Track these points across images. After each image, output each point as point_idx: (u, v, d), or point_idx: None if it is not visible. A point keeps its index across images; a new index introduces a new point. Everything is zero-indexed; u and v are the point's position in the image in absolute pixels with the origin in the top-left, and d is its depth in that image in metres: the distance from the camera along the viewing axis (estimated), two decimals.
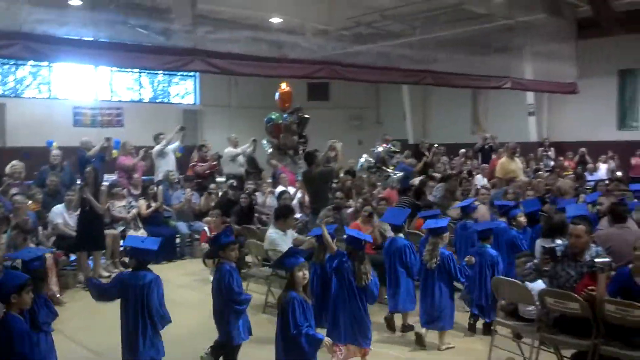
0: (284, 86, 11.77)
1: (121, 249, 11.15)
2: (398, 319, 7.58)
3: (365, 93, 25.26)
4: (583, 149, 17.19)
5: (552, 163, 16.87)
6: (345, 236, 6.27)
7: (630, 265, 5.63)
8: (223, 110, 23.60)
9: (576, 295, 5.64)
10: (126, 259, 10.80)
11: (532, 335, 6.15)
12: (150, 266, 5.69)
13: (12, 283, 4.63)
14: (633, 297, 5.42)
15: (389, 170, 12.87)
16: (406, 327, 7.46)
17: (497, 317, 6.57)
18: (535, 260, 6.61)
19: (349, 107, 25.06)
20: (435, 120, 23.56)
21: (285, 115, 11.54)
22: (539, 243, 7.29)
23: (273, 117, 11.57)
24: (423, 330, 7.02)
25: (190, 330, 7.46)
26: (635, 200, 9.33)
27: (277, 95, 11.82)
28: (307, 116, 11.65)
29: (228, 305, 5.96)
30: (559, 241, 6.81)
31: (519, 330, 6.42)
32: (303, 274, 5.09)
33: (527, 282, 6.35)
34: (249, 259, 10.05)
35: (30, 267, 5.16)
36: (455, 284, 7.17)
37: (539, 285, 6.26)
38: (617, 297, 5.56)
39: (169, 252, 11.46)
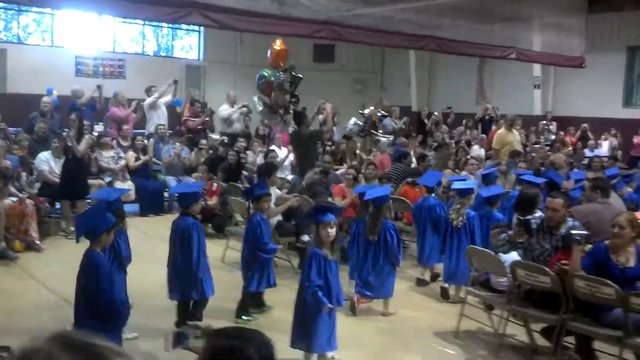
0: (278, 44, 11.51)
1: None
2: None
3: (371, 58, 24.92)
4: (585, 125, 16.96)
5: (552, 137, 16.65)
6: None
7: (607, 242, 5.52)
8: (228, 67, 23.31)
9: (547, 269, 5.55)
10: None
11: (502, 307, 6.08)
12: (136, 219, 5.82)
13: (105, 224, 4.77)
14: (607, 273, 5.32)
15: (378, 133, 12.64)
16: (433, 277, 8.02)
17: (469, 286, 6.48)
18: (509, 232, 6.50)
19: (354, 70, 24.76)
20: (440, 89, 23.26)
21: (277, 74, 11.32)
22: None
23: (265, 74, 11.32)
24: (446, 285, 7.45)
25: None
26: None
27: (269, 52, 11.56)
28: (300, 75, 11.43)
29: (255, 254, 6.30)
30: (537, 214, 6.69)
31: (489, 301, 6.33)
32: (327, 232, 5.12)
33: (500, 254, 6.25)
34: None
35: (113, 207, 5.41)
36: None
37: (513, 257, 6.15)
38: (591, 272, 5.46)
39: (157, 206, 11.39)
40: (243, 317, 6.44)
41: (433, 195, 8.10)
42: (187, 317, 5.51)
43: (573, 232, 5.55)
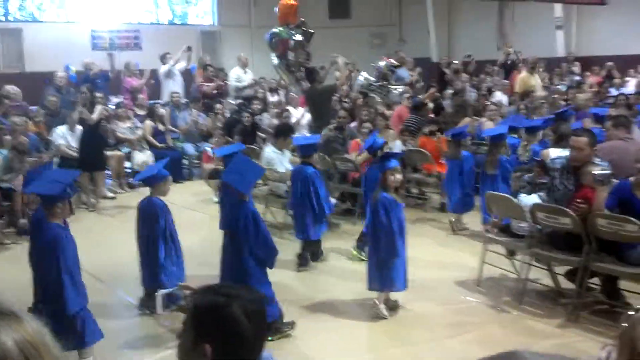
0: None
1: (127, 170, 11.14)
2: None
3: (388, 10, 24.43)
4: (611, 63, 16.42)
5: (577, 78, 16.18)
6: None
7: (632, 178, 5.32)
8: (243, 30, 23.05)
9: (568, 210, 5.38)
10: (132, 180, 10.79)
11: (524, 252, 5.94)
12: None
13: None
14: (632, 211, 5.15)
15: (389, 85, 12.34)
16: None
17: (490, 234, 6.34)
18: (530, 174, 6.32)
19: (371, 25, 24.30)
20: (461, 36, 22.74)
21: (290, 31, 11.08)
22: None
23: (278, 31, 11.09)
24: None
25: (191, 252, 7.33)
26: None
27: (276, 9, 11.32)
28: (311, 30, 11.17)
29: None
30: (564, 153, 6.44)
31: (511, 246, 6.20)
32: (394, 177, 5.41)
33: (521, 196, 6.09)
34: None
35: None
36: None
37: (533, 200, 5.98)
38: (615, 210, 5.29)
39: (176, 173, 11.33)
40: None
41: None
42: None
43: (595, 172, 5.34)
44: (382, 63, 12.60)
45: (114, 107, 11.80)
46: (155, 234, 5.56)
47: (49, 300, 4.51)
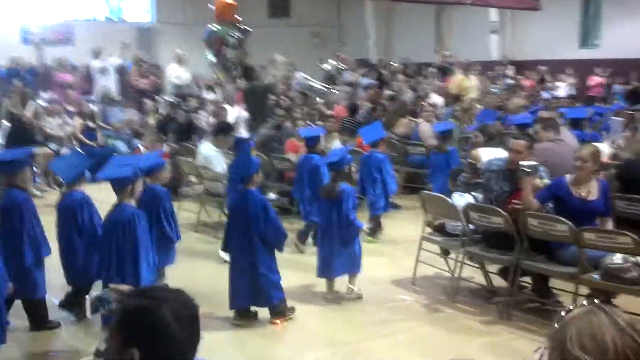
0: None
1: None
2: None
3: (327, 11, 24.48)
4: (543, 67, 16.86)
5: (510, 82, 16.53)
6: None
7: (568, 176, 5.39)
8: (179, 28, 22.66)
9: (499, 210, 5.44)
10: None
11: (457, 251, 5.98)
12: (87, 185, 5.54)
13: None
14: (568, 206, 5.25)
15: (321, 86, 12.33)
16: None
17: (424, 233, 6.36)
18: (464, 174, 6.37)
19: (311, 25, 24.29)
20: (399, 39, 22.92)
21: (228, 29, 10.90)
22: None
23: (214, 29, 10.91)
24: None
25: None
26: None
27: (212, 7, 11.14)
28: (249, 29, 11.05)
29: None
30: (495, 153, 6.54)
31: (445, 245, 6.23)
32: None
33: (455, 196, 6.13)
34: None
35: None
36: None
37: (467, 200, 6.03)
38: (546, 204, 5.39)
39: None
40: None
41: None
42: None
43: (521, 163, 5.41)
44: (329, 64, 12.55)
45: (44, 103, 11.39)
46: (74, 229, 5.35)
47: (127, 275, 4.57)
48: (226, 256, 6.09)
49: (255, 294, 5.28)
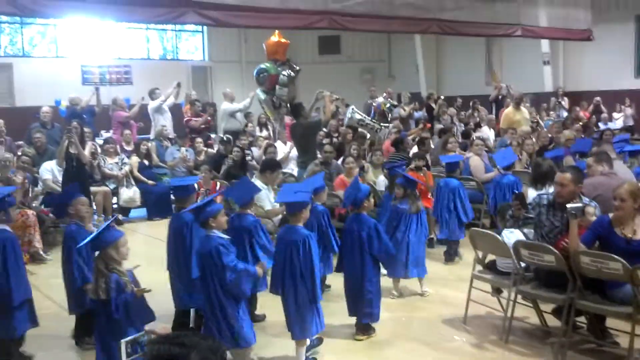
0: (276, 36, 11.33)
1: (114, 206, 11.06)
2: None
3: (377, 46, 24.71)
4: (598, 98, 16.60)
5: (565, 113, 16.31)
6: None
7: (610, 215, 5.28)
8: (234, 66, 23.24)
9: (551, 247, 5.34)
10: (120, 216, 10.71)
11: (509, 289, 5.87)
12: (144, 223, 5.77)
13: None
14: (613, 246, 5.11)
15: (375, 123, 12.40)
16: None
17: (474, 270, 6.28)
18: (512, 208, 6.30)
19: (360, 60, 24.53)
20: (449, 72, 22.98)
21: (279, 68, 11.13)
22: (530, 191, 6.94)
23: (265, 67, 11.14)
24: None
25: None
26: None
27: (264, 46, 11.40)
28: (298, 68, 11.24)
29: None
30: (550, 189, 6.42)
31: (496, 284, 6.13)
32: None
33: (506, 235, 6.03)
34: None
35: None
36: None
37: (518, 237, 5.94)
38: (591, 246, 5.25)
39: (163, 209, 11.26)
40: None
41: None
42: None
43: (568, 205, 5.31)
44: (380, 100, 12.62)
45: (102, 142, 11.77)
46: None
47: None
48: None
49: (359, 307, 5.85)
